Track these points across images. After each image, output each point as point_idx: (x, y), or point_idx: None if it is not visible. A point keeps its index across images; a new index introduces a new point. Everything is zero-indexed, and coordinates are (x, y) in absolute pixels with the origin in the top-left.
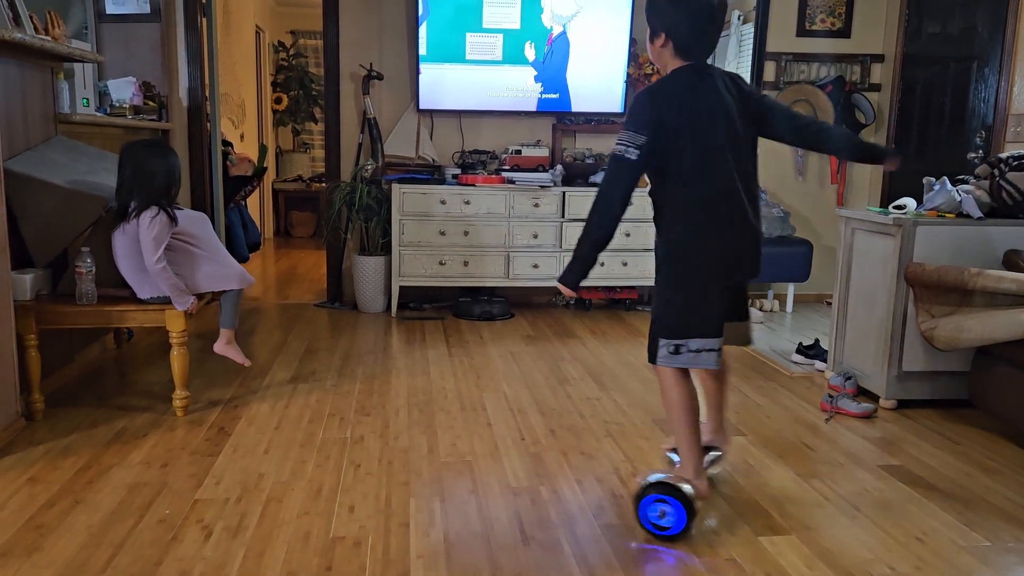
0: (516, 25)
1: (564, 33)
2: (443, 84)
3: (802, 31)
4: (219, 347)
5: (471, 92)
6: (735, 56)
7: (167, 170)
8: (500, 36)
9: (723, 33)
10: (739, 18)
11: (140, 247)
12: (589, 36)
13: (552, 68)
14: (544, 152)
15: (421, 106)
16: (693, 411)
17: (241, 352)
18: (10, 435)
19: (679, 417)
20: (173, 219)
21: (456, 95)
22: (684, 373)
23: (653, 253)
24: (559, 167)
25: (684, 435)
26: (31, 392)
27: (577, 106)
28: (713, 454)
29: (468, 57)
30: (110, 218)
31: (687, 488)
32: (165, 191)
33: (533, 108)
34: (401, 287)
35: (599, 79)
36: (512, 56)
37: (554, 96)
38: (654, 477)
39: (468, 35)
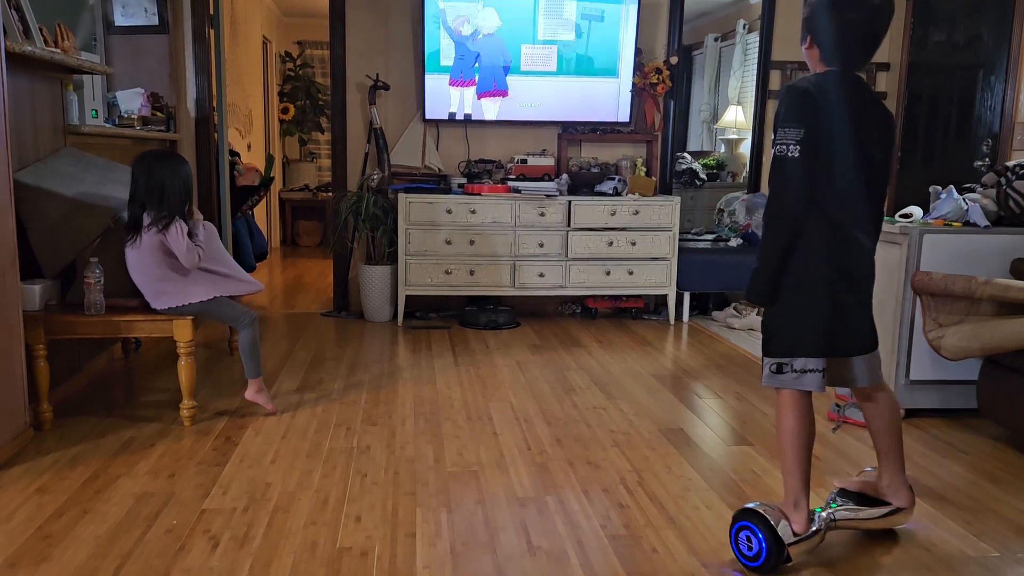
0: (528, 36)
1: (567, 44)
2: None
3: None
4: (249, 395)
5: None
6: (740, 65)
7: (182, 182)
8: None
9: (728, 42)
10: (744, 27)
11: (155, 259)
12: (594, 46)
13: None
14: (550, 161)
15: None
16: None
17: (270, 400)
18: (18, 445)
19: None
20: (191, 232)
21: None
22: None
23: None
24: (565, 176)
25: (784, 463)
26: (39, 402)
27: (582, 115)
28: (884, 509)
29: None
30: (120, 229)
31: (774, 519)
32: (181, 203)
33: (544, 118)
34: (407, 296)
35: (605, 88)
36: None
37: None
38: (749, 504)
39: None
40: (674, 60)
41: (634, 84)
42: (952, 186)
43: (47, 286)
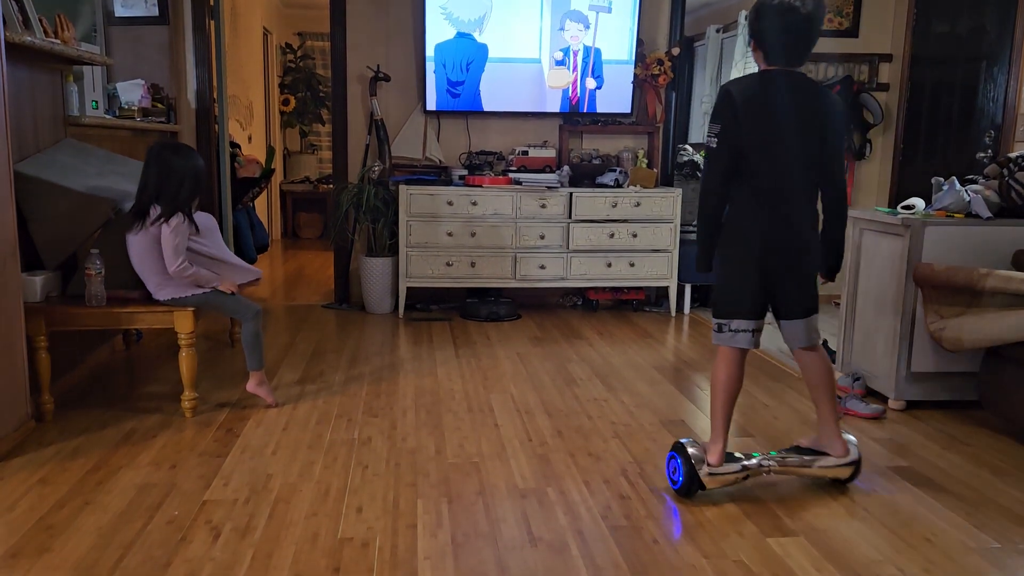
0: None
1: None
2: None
3: None
4: (251, 387)
5: (496, 91)
6: (742, 56)
7: (193, 175)
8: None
9: (730, 33)
10: (746, 18)
11: (159, 250)
12: (597, 37)
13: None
14: (551, 153)
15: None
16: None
17: (271, 393)
18: (20, 436)
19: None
20: (195, 225)
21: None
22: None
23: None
24: (566, 168)
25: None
26: (41, 393)
27: (584, 106)
28: (820, 459)
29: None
30: (124, 219)
31: (694, 452)
32: (190, 197)
33: (553, 109)
34: (408, 288)
35: (606, 80)
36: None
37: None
38: (682, 440)
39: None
40: (676, 51)
41: (636, 75)
42: (954, 177)
43: (48, 278)
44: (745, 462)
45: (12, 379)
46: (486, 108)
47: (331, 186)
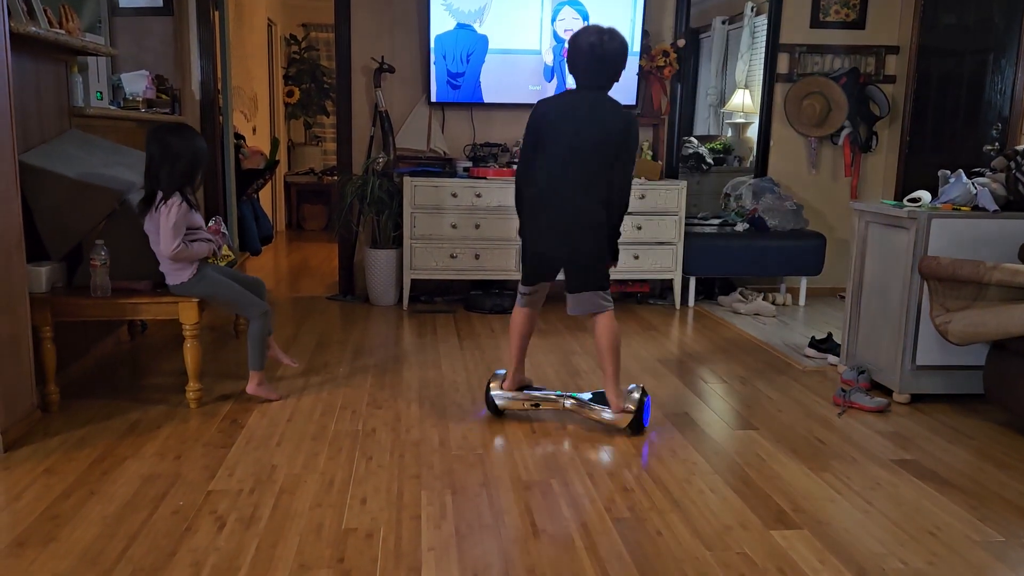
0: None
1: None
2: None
3: (816, 22)
4: (251, 388)
5: (497, 83)
6: (748, 48)
7: (192, 153)
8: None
9: (736, 25)
10: (752, 10)
11: None
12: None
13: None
14: None
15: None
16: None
17: (273, 390)
18: (26, 426)
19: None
20: (192, 205)
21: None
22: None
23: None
24: None
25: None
26: (47, 384)
27: None
28: (607, 411)
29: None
30: (136, 206)
31: (493, 382)
32: (189, 175)
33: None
34: (412, 280)
35: None
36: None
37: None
38: (498, 371)
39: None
40: (681, 43)
41: (641, 67)
42: (961, 170)
43: (53, 268)
44: (536, 393)
45: (18, 369)
46: (487, 100)
47: (335, 178)
